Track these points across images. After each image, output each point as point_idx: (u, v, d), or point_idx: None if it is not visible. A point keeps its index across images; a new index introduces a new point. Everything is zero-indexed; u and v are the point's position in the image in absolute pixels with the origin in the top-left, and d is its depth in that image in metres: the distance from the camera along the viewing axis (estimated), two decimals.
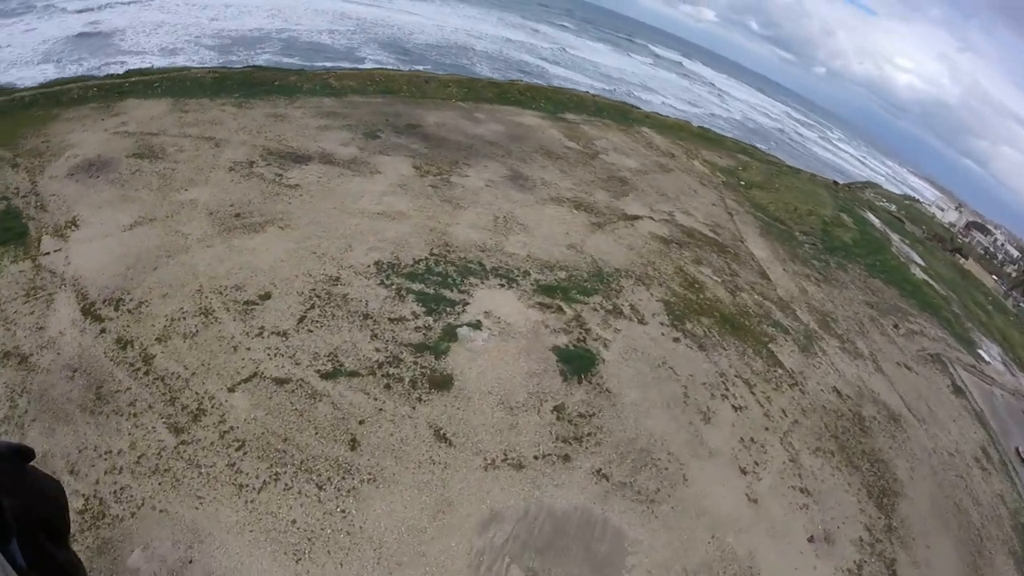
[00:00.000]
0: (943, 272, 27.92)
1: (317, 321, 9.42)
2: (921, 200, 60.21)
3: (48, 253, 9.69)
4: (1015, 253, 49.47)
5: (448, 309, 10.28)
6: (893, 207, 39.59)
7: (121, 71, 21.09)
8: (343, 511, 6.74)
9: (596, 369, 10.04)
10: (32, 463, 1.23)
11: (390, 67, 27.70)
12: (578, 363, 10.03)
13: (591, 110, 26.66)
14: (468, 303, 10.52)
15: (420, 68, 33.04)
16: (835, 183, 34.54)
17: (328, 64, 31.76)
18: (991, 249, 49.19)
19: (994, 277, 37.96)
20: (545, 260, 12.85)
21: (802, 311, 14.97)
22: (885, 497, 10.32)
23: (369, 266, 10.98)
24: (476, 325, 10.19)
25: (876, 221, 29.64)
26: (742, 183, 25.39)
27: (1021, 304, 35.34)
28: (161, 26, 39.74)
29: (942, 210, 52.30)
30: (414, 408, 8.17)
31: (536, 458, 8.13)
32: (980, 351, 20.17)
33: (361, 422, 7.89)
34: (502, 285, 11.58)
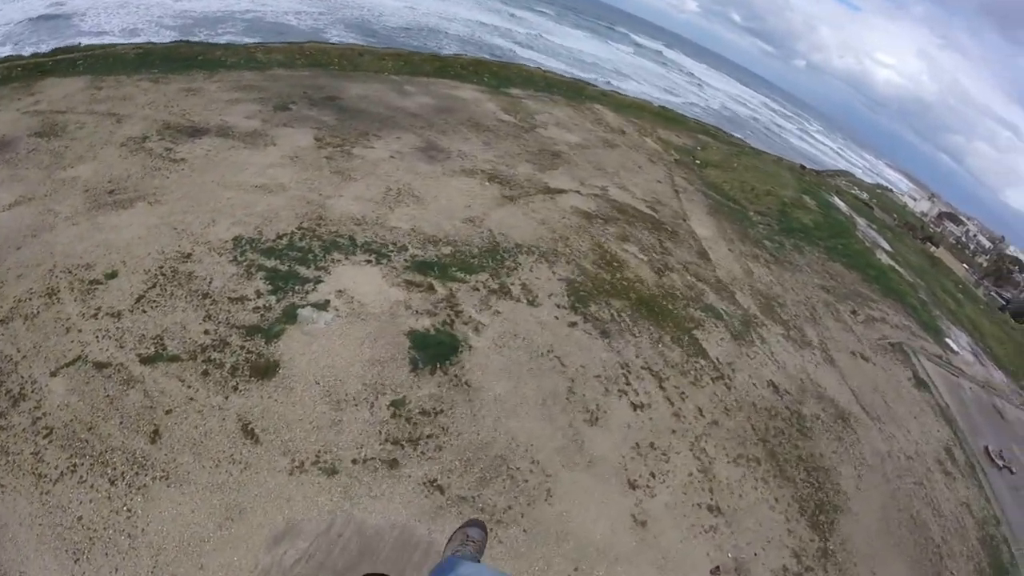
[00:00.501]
0: (912, 259, 26.09)
1: (154, 301, 7.94)
2: (894, 190, 58.64)
3: None
4: (987, 243, 48.06)
5: (297, 288, 8.48)
6: (864, 195, 37.82)
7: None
8: (129, 510, 5.56)
9: (458, 358, 7.94)
10: None
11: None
12: (435, 350, 7.95)
13: (540, 85, 24.49)
14: (322, 281, 8.71)
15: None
16: (802, 167, 32.63)
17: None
18: (963, 239, 47.70)
19: (965, 266, 36.34)
20: (431, 234, 10.72)
21: (743, 294, 12.90)
22: (823, 513, 8.25)
23: (227, 242, 9.30)
24: (322, 306, 8.27)
25: (842, 205, 27.72)
26: (697, 162, 23.35)
27: (992, 293, 33.73)
28: (124, 6, 38.00)
29: (915, 200, 50.85)
30: (227, 398, 6.68)
31: (355, 462, 6.30)
32: (948, 340, 18.29)
33: (168, 412, 6.45)
34: (369, 261, 9.52)
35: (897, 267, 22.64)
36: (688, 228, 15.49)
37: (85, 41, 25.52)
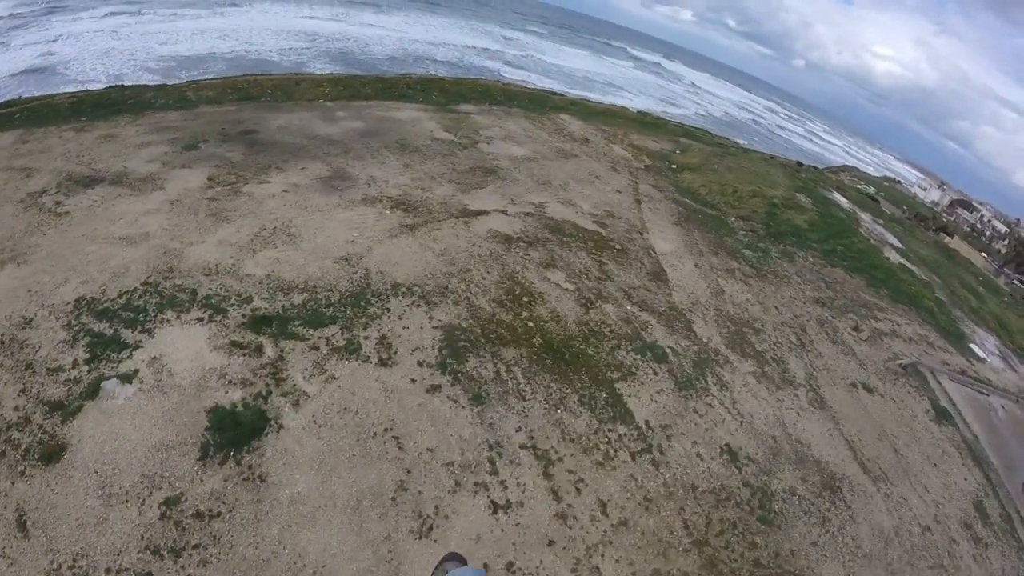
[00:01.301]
0: (925, 254, 22.56)
1: None
2: (902, 181, 53.95)
3: None
4: (1003, 228, 43.24)
5: (113, 355, 7.07)
6: (871, 189, 34.15)
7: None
8: None
9: (260, 442, 5.96)
10: None
11: (273, 72, 23.64)
12: (234, 432, 6.07)
13: (497, 99, 22.34)
14: (141, 346, 7.12)
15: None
16: (798, 163, 29.44)
17: None
18: (978, 226, 43.03)
19: (983, 255, 32.12)
20: (289, 280, 8.52)
21: (705, 322, 10.12)
22: None
23: (68, 303, 7.97)
24: (129, 377, 6.77)
25: (843, 201, 24.42)
26: (673, 166, 20.65)
27: (1015, 282, 29.51)
28: (110, 53, 37.88)
29: (924, 190, 46.34)
30: (13, 484, 5.64)
31: (108, 572, 4.82)
32: (972, 345, 14.95)
33: None
34: (201, 319, 7.66)
35: (909, 265, 19.29)
36: (644, 244, 12.81)
37: (68, 89, 24.88)
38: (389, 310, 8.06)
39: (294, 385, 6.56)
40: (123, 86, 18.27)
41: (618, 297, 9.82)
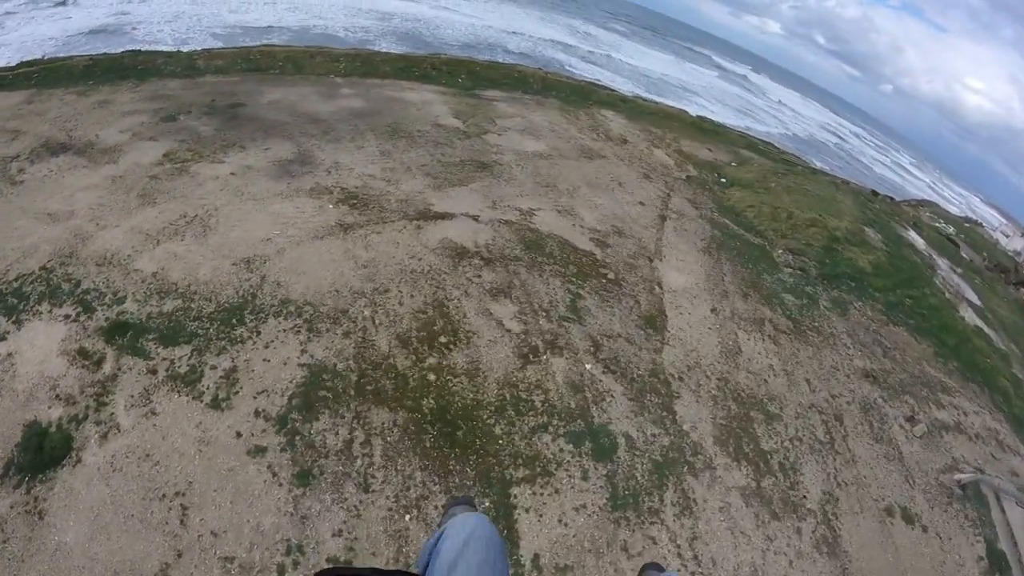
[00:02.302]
0: (1004, 315, 17.79)
1: None
2: (984, 224, 45.48)
3: None
4: None
5: None
6: (950, 228, 28.43)
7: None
8: None
9: (56, 473, 4.57)
10: None
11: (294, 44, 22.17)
12: (37, 455, 4.80)
13: (533, 87, 19.76)
14: (6, 338, 5.83)
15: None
16: (873, 192, 24.70)
17: None
18: None
19: None
20: (173, 281, 6.74)
21: (695, 399, 7.36)
22: None
23: None
24: None
25: (919, 241, 19.93)
26: (722, 180, 17.25)
27: None
28: (180, 16, 38.31)
29: (1007, 236, 38.47)
30: None
31: None
32: None
33: None
34: (68, 316, 6.12)
35: (985, 328, 15.09)
36: (650, 274, 10.05)
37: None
38: (259, 334, 6.06)
39: (112, 413, 4.94)
40: (138, 51, 17.39)
41: (579, 349, 7.25)
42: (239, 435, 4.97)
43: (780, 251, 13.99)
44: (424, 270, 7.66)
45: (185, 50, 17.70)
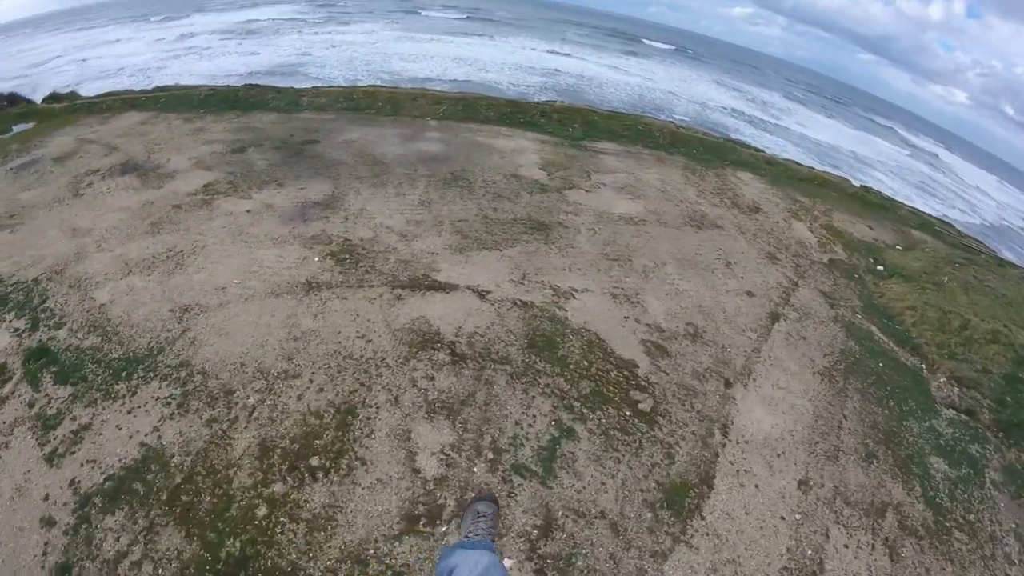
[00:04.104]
0: None
1: None
2: None
3: None
4: None
5: None
6: None
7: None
8: None
9: None
10: None
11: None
12: None
13: (658, 142, 18.44)
14: None
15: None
16: None
17: None
18: None
19: None
20: (112, 317, 7.45)
21: None
22: None
23: None
24: None
25: None
26: (879, 267, 13.39)
27: None
28: (352, 61, 46.43)
29: None
30: None
31: None
32: None
33: None
34: (17, 330, 7.08)
35: None
36: (718, 409, 7.60)
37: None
38: (134, 395, 5.98)
39: None
40: (257, 85, 20.80)
41: (513, 528, 5.52)
42: (47, 498, 4.87)
43: (941, 380, 9.82)
44: (362, 357, 6.88)
45: (298, 87, 20.57)
